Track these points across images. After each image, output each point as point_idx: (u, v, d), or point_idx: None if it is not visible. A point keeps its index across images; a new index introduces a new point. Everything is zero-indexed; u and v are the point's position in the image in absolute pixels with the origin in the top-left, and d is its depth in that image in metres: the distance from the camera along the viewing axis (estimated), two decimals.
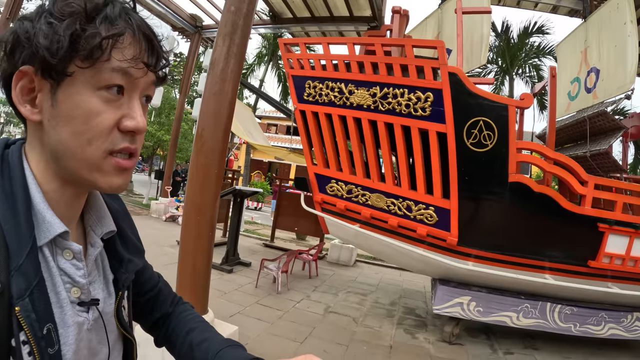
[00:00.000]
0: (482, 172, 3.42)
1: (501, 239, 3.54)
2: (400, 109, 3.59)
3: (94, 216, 0.56)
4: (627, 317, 3.85)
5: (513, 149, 3.34)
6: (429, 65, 3.49)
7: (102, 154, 0.45)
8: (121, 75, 0.44)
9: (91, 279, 0.52)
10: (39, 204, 0.45)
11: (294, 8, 6.63)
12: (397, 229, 3.75)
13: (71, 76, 0.42)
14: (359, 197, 3.89)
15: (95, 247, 0.54)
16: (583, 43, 4.52)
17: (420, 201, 3.61)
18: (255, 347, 3.29)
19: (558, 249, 3.55)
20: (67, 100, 0.43)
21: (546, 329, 3.82)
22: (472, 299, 3.79)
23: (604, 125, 3.91)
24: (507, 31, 11.34)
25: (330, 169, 4.03)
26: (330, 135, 3.98)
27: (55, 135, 0.44)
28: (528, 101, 3.32)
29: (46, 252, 0.45)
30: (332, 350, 3.46)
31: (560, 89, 4.98)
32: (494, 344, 4.06)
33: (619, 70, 3.89)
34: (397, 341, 3.84)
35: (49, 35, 0.41)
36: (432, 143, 3.49)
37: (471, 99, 3.40)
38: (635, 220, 3.50)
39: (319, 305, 4.49)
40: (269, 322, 3.86)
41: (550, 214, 3.43)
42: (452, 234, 3.52)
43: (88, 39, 0.42)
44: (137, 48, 0.45)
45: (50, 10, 0.42)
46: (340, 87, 3.87)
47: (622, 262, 3.58)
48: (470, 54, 4.11)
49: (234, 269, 5.19)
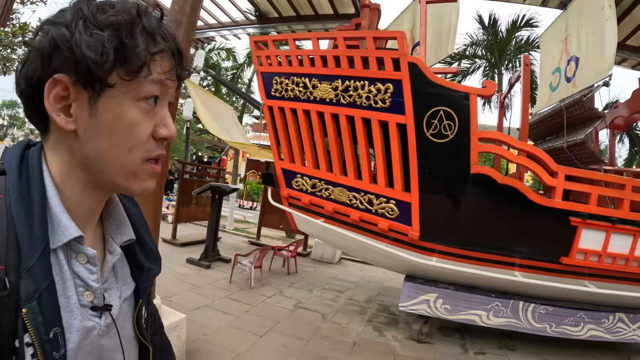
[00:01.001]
0: (443, 164, 3.32)
1: (465, 233, 3.41)
2: (361, 101, 3.54)
3: (113, 224, 0.56)
4: (609, 318, 3.63)
5: (475, 139, 3.22)
6: (388, 56, 3.43)
7: (140, 162, 0.47)
8: (159, 86, 0.47)
9: (107, 285, 0.52)
10: (55, 207, 0.44)
11: (279, 7, 6.70)
12: (359, 223, 3.69)
13: (112, 87, 0.43)
14: (322, 192, 3.86)
15: (113, 255, 0.54)
16: (564, 32, 4.32)
17: (382, 195, 3.54)
18: (213, 339, 3.32)
19: (527, 245, 3.39)
20: (108, 111, 0.44)
21: (519, 329, 3.65)
22: (439, 296, 3.67)
23: (581, 115, 3.71)
24: (494, 24, 11.01)
25: (295, 164, 4.03)
26: (295, 129, 3.98)
27: (93, 144, 0.44)
28: (490, 89, 3.20)
29: (60, 256, 0.45)
30: (291, 344, 3.43)
31: (543, 80, 4.78)
32: (466, 344, 3.91)
33: (597, 56, 3.69)
34: (363, 338, 3.77)
35: (93, 46, 0.41)
36: (392, 135, 3.42)
37: (431, 89, 3.31)
38: (611, 214, 3.29)
39: (290, 301, 4.47)
40: (234, 315, 3.87)
41: (517, 207, 3.28)
42: (413, 229, 3.43)
43: (136, 54, 0.43)
44: (171, 60, 0.47)
45: (89, 18, 0.42)
46: (305, 82, 3.87)
47: (598, 259, 3.38)
48: (439, 45, 4.01)
49: (212, 265, 5.25)
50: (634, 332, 3.62)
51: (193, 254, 5.46)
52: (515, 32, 10.72)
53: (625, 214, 3.31)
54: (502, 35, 10.85)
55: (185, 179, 6.17)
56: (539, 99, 4.74)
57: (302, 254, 6.80)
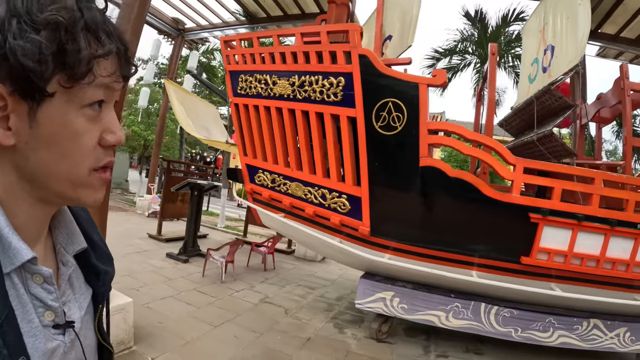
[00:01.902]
0: (391, 157, 3.23)
1: (417, 230, 3.30)
2: (315, 96, 3.54)
3: (63, 232, 0.53)
4: (582, 325, 3.35)
5: (424, 131, 3.12)
6: (341, 50, 3.41)
7: (88, 172, 0.44)
8: (104, 90, 0.43)
9: (65, 299, 0.50)
10: (4, 229, 0.41)
11: (267, 7, 6.83)
12: (314, 217, 3.67)
13: (52, 96, 0.39)
14: (281, 186, 3.88)
15: (67, 266, 0.52)
16: (542, 20, 4.08)
17: (334, 189, 3.51)
18: (169, 326, 3.43)
19: (483, 243, 3.22)
20: (49, 122, 0.40)
21: (482, 332, 3.46)
22: (395, 295, 3.56)
23: (552, 105, 3.46)
24: (482, 19, 10.49)
25: (257, 159, 4.08)
26: (257, 126, 4.04)
27: (35, 157, 0.41)
28: (440, 78, 3.08)
29: (15, 279, 0.42)
30: (243, 336, 3.47)
31: (523, 73, 4.52)
32: (430, 345, 3.76)
33: (570, 43, 3.45)
34: (320, 334, 3.73)
35: (30, 52, 0.36)
36: (343, 128, 3.39)
37: (381, 80, 3.25)
38: (577, 210, 3.05)
39: (257, 296, 4.51)
40: (196, 306, 3.97)
41: (470, 202, 3.12)
42: (364, 224, 3.36)
43: (78, 60, 0.38)
44: (116, 60, 0.44)
45: (23, 17, 0.36)
46: (266, 79, 3.93)
47: (564, 260, 3.13)
48: (401, 36, 3.92)
49: (190, 260, 5.41)
50: (611, 341, 3.32)
51: (176, 250, 5.66)
52: (506, 27, 10.22)
53: (595, 211, 3.05)
54: (492, 30, 10.37)
55: (171, 177, 6.43)
56: (519, 92, 4.47)
57: (285, 252, 6.83)
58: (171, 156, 14.58)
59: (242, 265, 5.63)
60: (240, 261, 5.70)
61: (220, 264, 4.73)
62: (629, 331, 3.32)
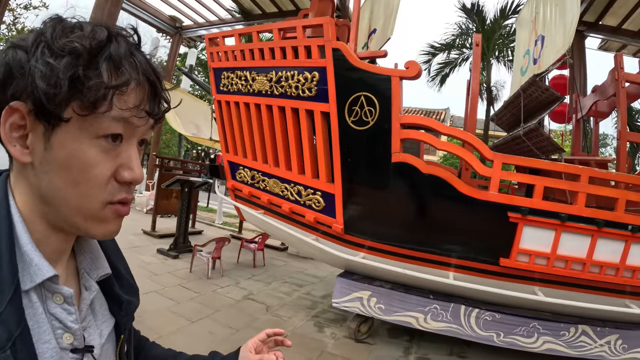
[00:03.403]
0: (364, 153, 3.14)
1: (392, 228, 3.19)
2: (291, 91, 3.50)
3: (87, 257, 0.52)
4: (570, 330, 3.16)
5: (396, 125, 3.01)
6: (315, 44, 3.35)
7: (100, 205, 0.43)
8: (122, 124, 0.42)
9: (85, 324, 0.48)
10: (26, 245, 0.41)
11: (262, 4, 6.84)
12: (290, 214, 3.63)
13: (67, 122, 0.39)
14: (259, 183, 3.87)
15: (90, 291, 0.50)
16: (534, 10, 3.87)
17: (309, 186, 3.45)
18: (145, 320, 3.48)
19: (460, 243, 3.07)
20: (62, 148, 0.40)
21: (461, 335, 3.32)
22: (372, 295, 3.47)
23: (539, 97, 3.27)
24: (479, 12, 10.06)
25: (238, 156, 4.08)
26: (238, 122, 4.04)
27: (48, 180, 0.41)
28: (413, 70, 2.97)
29: (33, 297, 0.41)
30: (218, 332, 3.48)
31: (516, 65, 4.31)
32: (411, 347, 3.65)
33: (559, 32, 3.25)
34: (297, 333, 3.70)
35: (46, 76, 0.37)
36: (317, 123, 3.33)
37: (354, 74, 3.17)
38: (560, 210, 2.87)
39: (241, 292, 4.52)
40: (177, 301, 4.02)
41: (445, 199, 2.99)
42: (337, 221, 3.29)
43: (92, 88, 0.38)
44: (141, 95, 0.42)
45: (49, 43, 0.38)
46: (246, 75, 3.92)
47: (547, 262, 2.95)
48: (383, 29, 3.80)
49: (180, 256, 5.49)
50: (601, 348, 3.10)
51: (167, 246, 5.76)
52: (504, 20, 9.79)
53: (580, 210, 2.86)
54: (490, 22, 9.97)
55: (164, 173, 6.57)
56: (512, 86, 4.26)
57: (278, 248, 6.83)
58: (171, 153, 14.90)
59: (233, 262, 5.66)
60: (231, 257, 5.74)
61: (206, 260, 4.77)
62: (621, 338, 3.10)
